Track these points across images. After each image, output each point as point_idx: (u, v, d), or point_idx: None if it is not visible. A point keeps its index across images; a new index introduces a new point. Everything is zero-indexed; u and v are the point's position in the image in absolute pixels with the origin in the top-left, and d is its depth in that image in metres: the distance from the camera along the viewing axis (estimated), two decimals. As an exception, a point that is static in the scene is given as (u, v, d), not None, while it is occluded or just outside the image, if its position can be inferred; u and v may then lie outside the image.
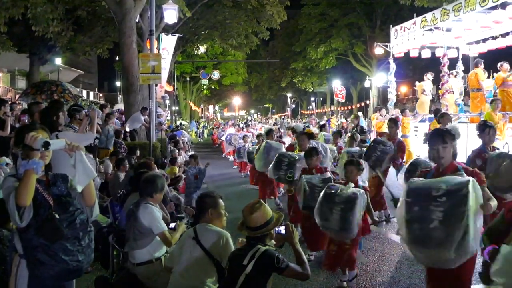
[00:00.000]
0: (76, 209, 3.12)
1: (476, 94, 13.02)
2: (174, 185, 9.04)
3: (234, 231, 3.65)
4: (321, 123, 15.82)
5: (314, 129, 12.15)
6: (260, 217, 3.43)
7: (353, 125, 16.30)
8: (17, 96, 20.26)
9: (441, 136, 3.84)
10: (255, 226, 3.42)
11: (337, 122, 25.34)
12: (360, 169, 5.46)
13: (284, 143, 10.34)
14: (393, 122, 8.48)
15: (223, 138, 23.16)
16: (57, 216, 2.98)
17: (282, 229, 3.48)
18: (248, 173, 14.63)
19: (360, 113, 17.64)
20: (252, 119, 44.49)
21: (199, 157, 10.37)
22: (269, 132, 10.46)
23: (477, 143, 5.89)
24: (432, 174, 3.86)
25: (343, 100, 27.51)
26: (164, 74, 20.80)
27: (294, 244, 3.48)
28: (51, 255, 2.95)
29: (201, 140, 36.50)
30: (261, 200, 3.60)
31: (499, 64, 12.35)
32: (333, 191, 4.90)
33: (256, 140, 13.13)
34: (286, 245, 3.58)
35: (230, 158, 19.85)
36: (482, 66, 12.87)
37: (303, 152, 6.94)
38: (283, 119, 48.28)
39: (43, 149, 2.89)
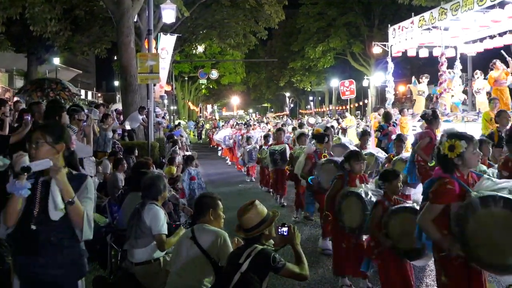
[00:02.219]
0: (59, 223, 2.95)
1: None
2: (172, 184, 9.04)
3: (232, 231, 3.66)
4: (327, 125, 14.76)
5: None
6: (252, 218, 3.43)
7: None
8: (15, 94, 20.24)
9: (474, 138, 3.49)
10: (249, 227, 3.43)
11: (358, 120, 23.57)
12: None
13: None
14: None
15: (217, 138, 22.67)
16: (34, 227, 2.88)
17: (284, 230, 3.49)
18: (254, 178, 13.96)
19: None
20: (250, 119, 44.30)
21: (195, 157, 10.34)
22: (300, 137, 9.21)
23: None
24: (463, 184, 3.42)
25: (354, 96, 25.51)
26: (164, 74, 20.83)
27: (295, 245, 3.48)
28: (23, 267, 2.93)
29: (201, 141, 35.65)
30: (256, 200, 3.58)
31: (492, 63, 12.37)
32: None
33: (263, 141, 12.48)
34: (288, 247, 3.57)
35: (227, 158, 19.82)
36: None
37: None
38: (288, 118, 47.22)
39: (23, 172, 2.71)
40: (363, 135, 8.92)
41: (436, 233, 3.37)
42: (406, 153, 7.68)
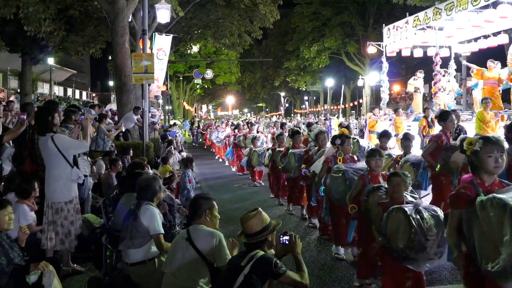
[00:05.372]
0: None
1: None
2: (167, 184, 9.02)
3: (227, 231, 3.66)
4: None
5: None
6: (255, 224, 3.49)
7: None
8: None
9: (499, 142, 3.24)
10: (251, 232, 3.49)
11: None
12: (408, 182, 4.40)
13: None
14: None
15: (212, 138, 22.44)
16: None
17: (286, 239, 3.54)
18: (261, 182, 12.73)
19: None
20: (255, 118, 43.87)
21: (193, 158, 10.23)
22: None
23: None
24: (478, 189, 3.19)
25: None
26: (162, 75, 20.74)
27: (296, 254, 3.54)
28: None
29: (196, 144, 32.83)
30: (259, 208, 3.63)
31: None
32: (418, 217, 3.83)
33: (271, 143, 11.55)
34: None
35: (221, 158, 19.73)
36: None
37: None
38: (287, 118, 46.41)
39: None
40: (382, 136, 8.11)
41: (453, 238, 3.28)
42: (413, 155, 7.01)
